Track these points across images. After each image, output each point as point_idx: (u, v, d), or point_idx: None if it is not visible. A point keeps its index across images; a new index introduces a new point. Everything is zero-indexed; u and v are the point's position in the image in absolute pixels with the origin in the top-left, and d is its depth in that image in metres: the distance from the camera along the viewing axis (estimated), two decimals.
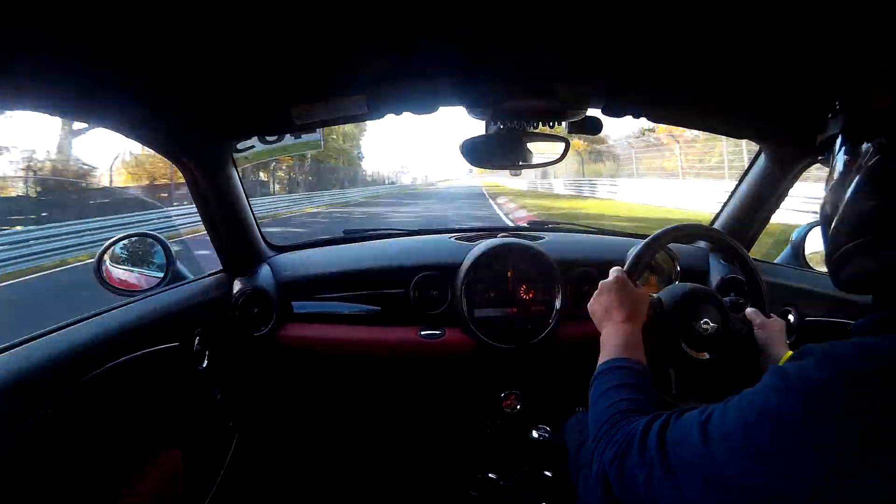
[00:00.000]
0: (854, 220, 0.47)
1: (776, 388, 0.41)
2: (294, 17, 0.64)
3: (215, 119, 0.98)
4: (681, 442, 0.46)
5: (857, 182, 0.46)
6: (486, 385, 1.31)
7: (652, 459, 0.47)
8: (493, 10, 0.63)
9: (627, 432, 0.52)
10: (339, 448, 1.48)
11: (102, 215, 9.00)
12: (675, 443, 0.46)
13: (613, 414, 0.57)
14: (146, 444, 0.91)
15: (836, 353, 0.40)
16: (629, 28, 0.69)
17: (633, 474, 0.49)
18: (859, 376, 0.37)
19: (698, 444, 0.44)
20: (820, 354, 0.40)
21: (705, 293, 0.88)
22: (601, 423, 0.58)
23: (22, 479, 0.65)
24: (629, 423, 0.54)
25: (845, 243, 0.48)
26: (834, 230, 0.50)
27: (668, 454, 0.46)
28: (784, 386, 0.40)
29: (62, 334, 0.77)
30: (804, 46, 0.70)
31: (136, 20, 0.59)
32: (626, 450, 0.50)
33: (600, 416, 0.59)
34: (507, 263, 1.26)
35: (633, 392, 0.61)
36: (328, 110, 0.95)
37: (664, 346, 0.86)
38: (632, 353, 0.69)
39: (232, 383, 1.22)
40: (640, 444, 0.49)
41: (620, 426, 0.54)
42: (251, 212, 1.26)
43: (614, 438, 0.53)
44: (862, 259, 0.47)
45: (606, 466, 0.53)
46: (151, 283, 1.11)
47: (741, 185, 1.29)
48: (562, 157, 1.02)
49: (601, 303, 0.81)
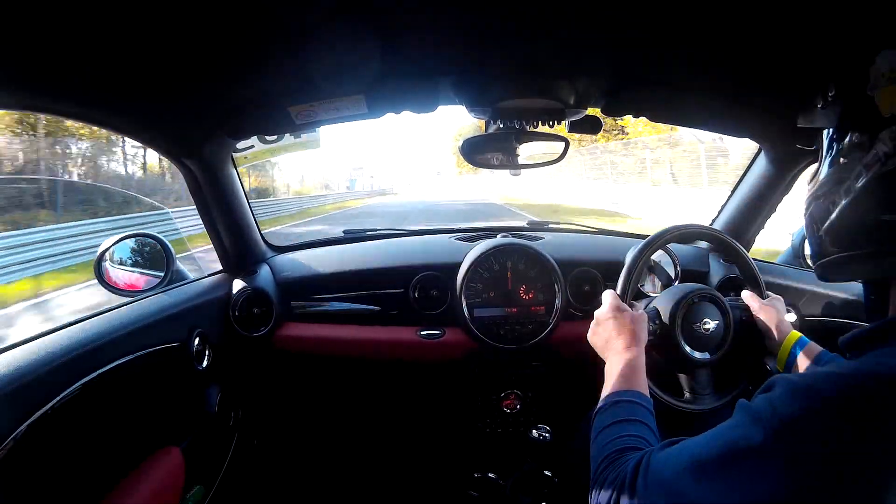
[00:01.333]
0: (857, 228, 0.47)
1: (744, 423, 0.43)
2: (293, 17, 0.64)
3: (215, 119, 0.98)
4: (659, 481, 0.47)
5: (862, 189, 0.45)
6: (485, 385, 1.31)
7: (641, 499, 0.48)
8: (492, 8, 0.63)
9: (620, 473, 0.53)
10: (338, 448, 1.48)
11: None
12: (656, 482, 0.48)
13: (610, 452, 0.58)
14: (146, 444, 0.91)
15: (803, 384, 0.41)
16: (629, 27, 0.69)
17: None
18: (829, 406, 0.38)
19: (672, 479, 0.45)
20: (787, 386, 0.42)
21: (703, 293, 0.88)
22: (598, 461, 0.58)
23: (22, 478, 0.65)
24: (623, 462, 0.54)
25: (842, 251, 0.48)
26: (829, 234, 0.49)
27: (652, 494, 0.47)
28: (751, 420, 0.42)
29: (63, 334, 0.77)
30: (804, 46, 0.70)
31: (136, 20, 0.59)
32: (619, 493, 0.51)
33: (598, 454, 0.59)
34: (506, 263, 1.26)
35: (632, 427, 0.61)
36: (327, 110, 0.95)
37: (669, 353, 0.86)
38: (634, 384, 0.68)
39: (232, 383, 1.22)
40: (630, 486, 0.50)
41: (615, 465, 0.55)
42: (251, 212, 1.26)
43: (608, 479, 0.54)
44: (860, 265, 0.47)
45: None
46: (151, 284, 1.11)
47: (741, 184, 1.29)
48: (562, 156, 1.02)
49: (600, 335, 0.79)
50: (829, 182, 0.50)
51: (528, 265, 1.26)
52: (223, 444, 1.20)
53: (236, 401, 1.24)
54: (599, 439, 0.61)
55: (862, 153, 0.46)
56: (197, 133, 1.00)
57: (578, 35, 0.72)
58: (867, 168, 0.45)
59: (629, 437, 0.59)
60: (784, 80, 0.84)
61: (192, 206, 1.16)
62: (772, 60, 0.77)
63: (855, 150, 0.47)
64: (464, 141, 0.99)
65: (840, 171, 0.48)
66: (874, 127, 0.45)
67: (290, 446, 1.46)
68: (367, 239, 1.50)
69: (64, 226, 7.60)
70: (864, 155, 0.45)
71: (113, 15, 0.57)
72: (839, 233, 0.49)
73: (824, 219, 0.50)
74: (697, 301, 0.87)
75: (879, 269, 0.46)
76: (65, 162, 14.82)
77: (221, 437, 1.19)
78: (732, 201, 1.32)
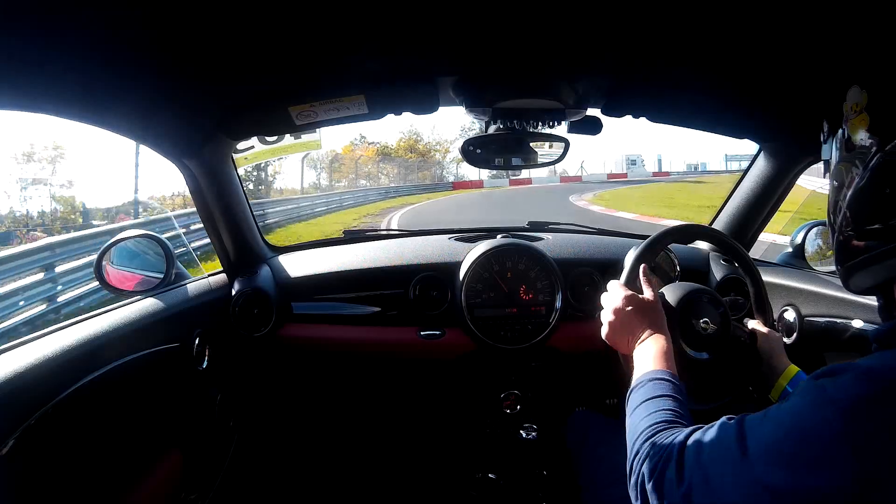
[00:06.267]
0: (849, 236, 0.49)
1: (814, 404, 0.43)
2: (293, 17, 0.64)
3: (215, 119, 0.98)
4: (719, 458, 0.47)
5: (859, 186, 0.47)
6: (485, 385, 1.31)
7: (691, 475, 0.48)
8: (492, 9, 0.63)
9: (666, 446, 0.52)
10: (338, 448, 1.48)
11: None
12: (714, 459, 0.47)
13: (651, 425, 0.57)
14: (146, 445, 0.91)
15: (875, 368, 0.41)
16: (629, 28, 0.69)
17: (671, 489, 0.50)
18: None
19: (737, 458, 0.45)
20: (860, 370, 0.42)
21: (706, 293, 0.88)
22: (638, 433, 0.58)
23: (22, 478, 0.65)
24: (667, 435, 0.54)
25: (846, 260, 0.50)
26: (841, 235, 0.51)
27: (707, 469, 0.47)
28: (822, 401, 0.42)
29: (63, 334, 0.77)
30: (804, 46, 0.70)
31: (136, 21, 0.59)
32: (665, 465, 0.51)
33: (637, 427, 0.59)
34: (506, 264, 1.26)
35: (671, 403, 0.60)
36: (328, 110, 0.95)
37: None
38: (667, 364, 0.67)
39: (232, 384, 1.22)
40: (678, 460, 0.50)
41: (658, 439, 0.55)
42: (251, 213, 1.26)
43: (652, 452, 0.54)
44: (865, 273, 0.48)
45: (645, 480, 0.53)
46: (152, 284, 1.11)
47: (741, 185, 1.29)
48: (562, 156, 1.02)
49: (619, 330, 0.76)
50: (840, 181, 0.51)
51: (528, 265, 1.26)
52: (223, 444, 1.19)
53: (236, 401, 1.24)
54: (638, 412, 0.61)
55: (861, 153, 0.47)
56: (197, 134, 1.00)
57: (578, 35, 0.72)
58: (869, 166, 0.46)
59: (669, 412, 0.59)
60: (784, 80, 0.84)
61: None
62: (772, 61, 0.77)
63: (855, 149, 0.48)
64: (464, 141, 0.99)
65: (846, 173, 0.50)
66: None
67: (290, 447, 1.46)
68: (367, 239, 1.50)
69: None
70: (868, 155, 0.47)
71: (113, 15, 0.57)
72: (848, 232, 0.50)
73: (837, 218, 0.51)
74: (700, 299, 0.87)
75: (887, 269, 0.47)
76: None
77: (221, 437, 1.19)
78: (733, 201, 1.32)
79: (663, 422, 0.57)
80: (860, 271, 0.50)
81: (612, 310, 0.77)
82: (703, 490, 0.46)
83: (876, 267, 0.47)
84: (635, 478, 0.55)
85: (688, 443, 0.50)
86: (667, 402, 0.60)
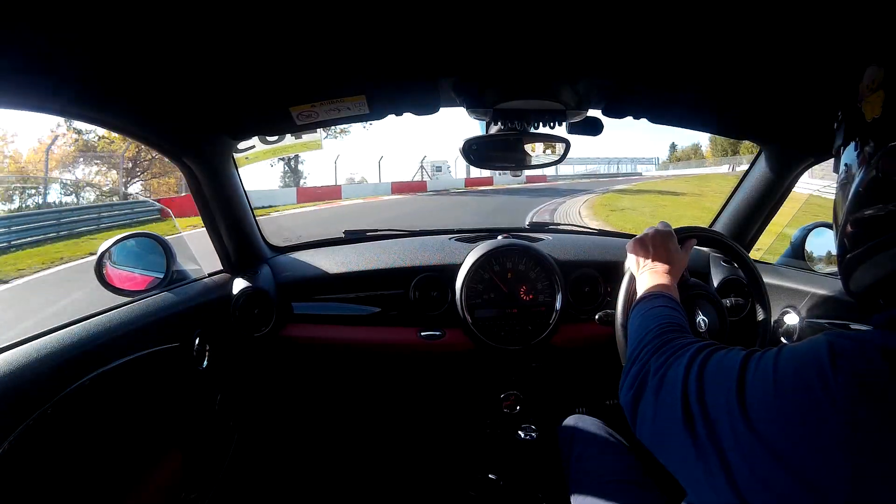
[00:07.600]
0: (855, 226, 0.48)
1: (817, 366, 0.39)
2: (294, 17, 0.64)
3: (215, 119, 0.98)
4: (717, 379, 0.45)
5: (855, 188, 0.47)
6: (485, 386, 1.31)
7: (695, 386, 0.46)
8: (494, 10, 0.63)
9: (679, 346, 0.52)
10: (338, 448, 1.48)
11: None
12: (713, 379, 0.46)
13: (661, 323, 0.59)
14: (146, 445, 0.91)
15: (872, 341, 0.39)
16: (630, 29, 0.69)
17: (673, 386, 0.49)
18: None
19: (734, 387, 0.42)
20: (862, 340, 0.40)
21: (706, 292, 0.88)
22: (648, 329, 0.59)
23: (21, 479, 0.65)
24: (680, 338, 0.55)
25: (850, 250, 0.49)
26: (840, 236, 0.50)
27: (705, 384, 0.46)
28: (824, 363, 0.39)
29: (63, 334, 0.77)
30: (804, 47, 0.70)
31: (136, 20, 0.59)
32: (675, 361, 0.51)
33: (646, 323, 0.60)
34: (507, 264, 1.26)
35: (678, 314, 0.63)
36: (328, 110, 0.95)
37: None
38: (672, 292, 0.71)
39: (232, 384, 1.22)
40: (687, 365, 0.49)
41: (671, 337, 0.56)
42: (252, 212, 1.26)
43: (664, 347, 0.54)
44: (867, 266, 0.48)
45: (651, 371, 0.53)
46: (152, 284, 1.11)
47: (741, 186, 1.29)
48: (562, 157, 1.02)
49: (641, 250, 0.80)
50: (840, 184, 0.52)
51: (529, 266, 1.26)
52: (223, 444, 1.19)
53: (236, 401, 1.24)
54: (648, 314, 0.63)
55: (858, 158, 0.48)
56: (198, 133, 1.00)
57: (580, 37, 0.72)
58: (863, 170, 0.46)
59: (677, 318, 0.61)
60: (784, 81, 0.84)
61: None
62: (772, 62, 0.77)
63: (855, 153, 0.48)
64: (464, 141, 0.99)
65: (846, 175, 0.50)
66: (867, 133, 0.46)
67: (290, 447, 1.46)
68: (368, 239, 1.50)
69: None
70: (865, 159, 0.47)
71: (114, 15, 0.57)
72: (843, 233, 0.50)
73: (837, 220, 0.51)
74: (700, 297, 0.87)
75: (883, 269, 0.47)
76: None
77: (221, 437, 1.19)
78: (733, 203, 1.32)
79: (673, 324, 0.59)
80: (863, 264, 0.49)
81: (650, 232, 0.82)
82: (698, 410, 0.45)
83: (879, 257, 0.46)
84: (638, 367, 0.55)
85: (697, 356, 0.49)
86: (674, 313, 0.63)
